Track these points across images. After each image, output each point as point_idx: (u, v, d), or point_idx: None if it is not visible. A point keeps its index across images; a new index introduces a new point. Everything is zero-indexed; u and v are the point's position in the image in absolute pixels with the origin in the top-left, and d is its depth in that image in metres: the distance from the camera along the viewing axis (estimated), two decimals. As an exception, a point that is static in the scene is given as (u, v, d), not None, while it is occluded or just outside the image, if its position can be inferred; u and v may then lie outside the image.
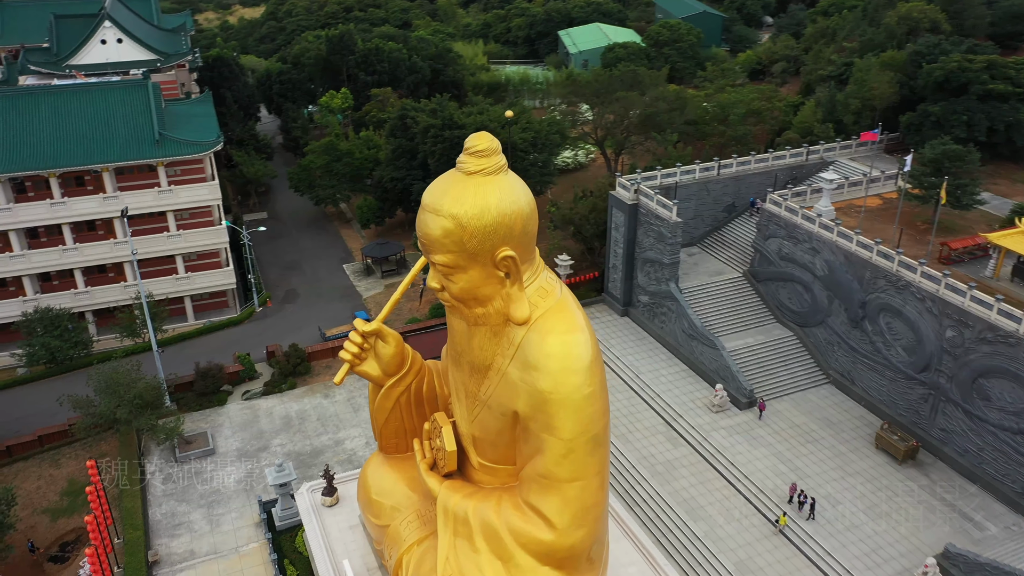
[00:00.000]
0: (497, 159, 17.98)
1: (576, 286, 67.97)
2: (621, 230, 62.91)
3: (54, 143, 64.30)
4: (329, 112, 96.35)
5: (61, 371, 61.98)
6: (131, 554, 44.55)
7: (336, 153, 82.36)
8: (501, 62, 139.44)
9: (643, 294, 63.13)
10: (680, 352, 59.73)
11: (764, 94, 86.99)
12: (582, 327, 20.22)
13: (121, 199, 65.66)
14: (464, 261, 18.25)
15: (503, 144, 20.49)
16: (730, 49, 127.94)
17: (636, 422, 53.76)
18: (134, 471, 50.96)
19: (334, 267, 76.63)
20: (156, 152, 65.55)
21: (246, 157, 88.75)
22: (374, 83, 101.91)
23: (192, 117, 73.25)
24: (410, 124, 75.27)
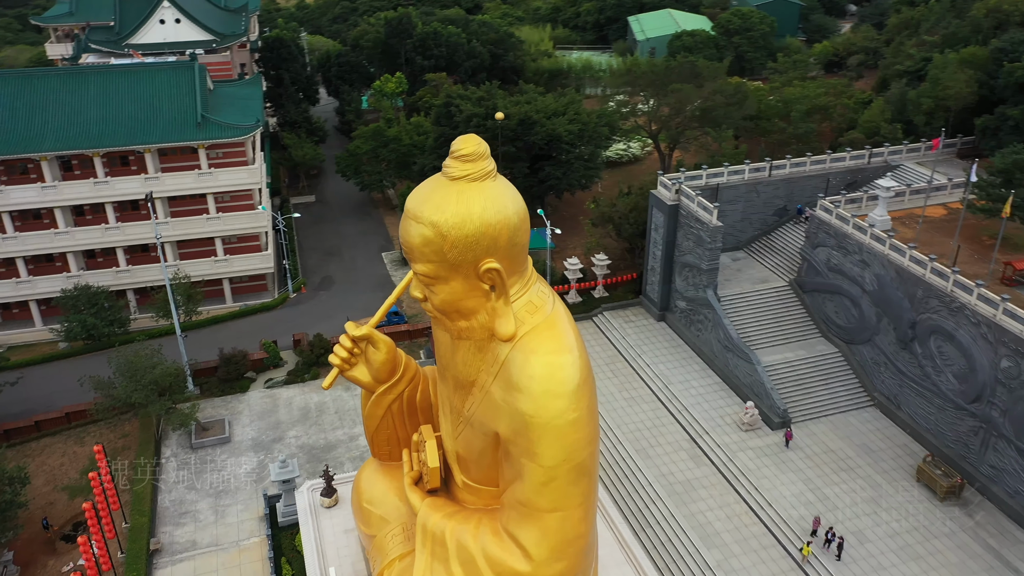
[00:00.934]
0: (484, 164, 16.49)
1: (614, 287, 65.47)
2: (660, 231, 60.03)
3: (100, 123, 65.15)
4: (383, 96, 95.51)
5: (99, 348, 62.96)
6: (134, 540, 44.72)
7: (383, 139, 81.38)
8: (568, 48, 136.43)
9: (681, 299, 60.20)
10: (714, 364, 56.72)
11: (834, 89, 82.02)
12: (570, 347, 18.30)
13: (162, 180, 66.25)
14: (445, 272, 16.85)
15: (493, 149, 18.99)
16: (806, 39, 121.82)
17: (659, 436, 51.21)
18: (149, 455, 51.30)
19: (373, 255, 75.92)
20: (197, 134, 65.78)
21: (296, 140, 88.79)
22: (431, 67, 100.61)
23: (238, 100, 73.33)
24: (454, 112, 73.63)
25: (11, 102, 64.85)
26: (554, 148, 71.01)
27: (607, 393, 55.00)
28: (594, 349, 59.99)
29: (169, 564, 44.07)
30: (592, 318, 63.42)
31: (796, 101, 76.42)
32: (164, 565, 44.04)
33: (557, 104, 74.29)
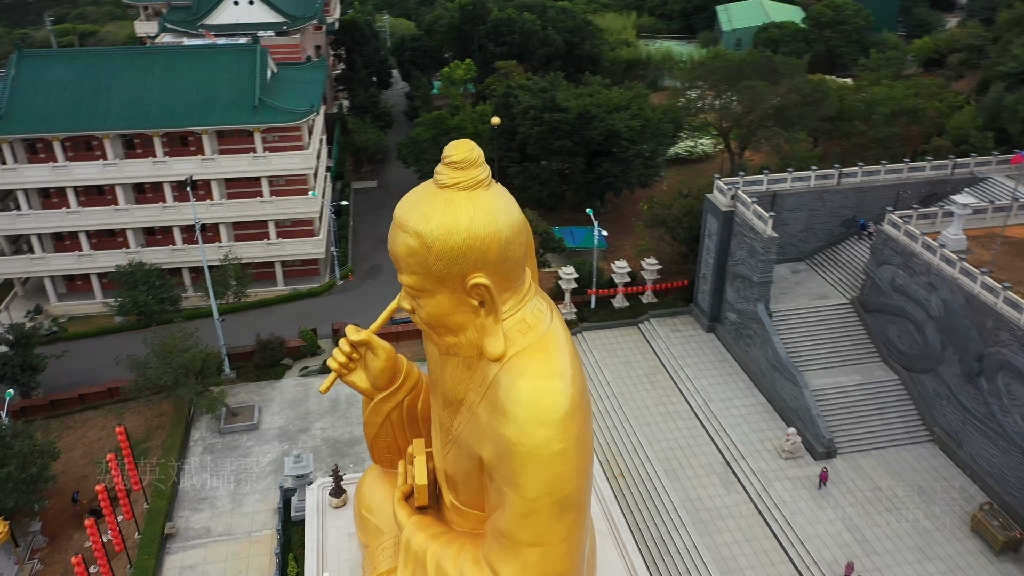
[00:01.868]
0: (475, 172, 15.49)
1: (664, 293, 62.59)
2: (714, 238, 56.80)
3: (162, 103, 66.16)
4: (451, 83, 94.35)
5: (150, 324, 64.26)
6: (150, 524, 45.16)
7: (444, 126, 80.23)
8: (652, 37, 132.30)
9: (731, 311, 56.90)
10: (760, 383, 53.38)
11: (927, 90, 76.18)
12: (561, 372, 16.78)
13: (217, 162, 66.93)
14: (431, 284, 15.92)
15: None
16: (906, 34, 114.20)
17: (691, 457, 48.46)
18: (178, 437, 51.84)
19: (424, 245, 74.93)
20: (253, 118, 66.06)
21: (361, 125, 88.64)
22: (503, 55, 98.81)
23: (299, 84, 73.36)
24: (512, 103, 71.73)
25: (80, 80, 66.56)
26: (613, 144, 68.30)
27: (642, 406, 52.49)
28: (635, 358, 57.43)
29: (181, 550, 44.32)
30: (638, 324, 60.76)
31: (880, 102, 71.23)
32: (176, 550, 44.31)
33: (620, 98, 71.41)
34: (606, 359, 57.01)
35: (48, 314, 68.87)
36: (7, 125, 63.55)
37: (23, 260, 68.14)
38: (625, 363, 56.78)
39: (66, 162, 65.24)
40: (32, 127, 63.81)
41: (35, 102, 64.89)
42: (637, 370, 56.14)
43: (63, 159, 65.32)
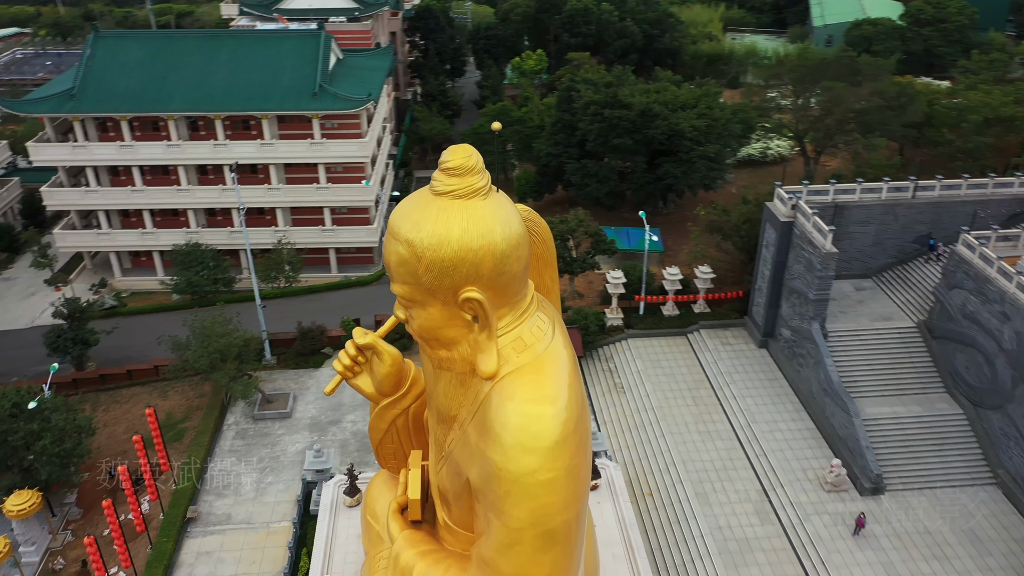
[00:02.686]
0: (472, 180, 14.46)
1: (717, 303, 59.70)
2: (771, 249, 53.65)
3: (225, 87, 66.95)
4: (521, 73, 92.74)
5: (206, 304, 65.39)
6: (174, 506, 45.74)
7: (507, 119, 78.82)
8: (740, 30, 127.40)
9: (785, 327, 53.72)
10: (810, 407, 50.20)
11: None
12: (553, 397, 15.59)
13: (276, 147, 67.39)
14: (421, 296, 14.95)
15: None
16: (1015, 34, 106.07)
17: (726, 481, 45.93)
18: (212, 421, 52.43)
19: (479, 239, 73.79)
20: (311, 104, 66.13)
21: (426, 113, 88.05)
22: (578, 46, 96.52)
23: (362, 71, 73.16)
24: (575, 97, 69.65)
25: (151, 62, 68.02)
26: (676, 144, 65.48)
27: (681, 422, 50.12)
28: (680, 370, 54.94)
29: (200, 535, 44.70)
30: (687, 334, 58.15)
31: (972, 109, 65.97)
32: (196, 535, 44.72)
33: (688, 96, 68.37)
34: (648, 369, 54.73)
35: (112, 288, 71.00)
36: (79, 103, 65.48)
37: (91, 234, 70.40)
38: (668, 375, 54.39)
39: (132, 142, 66.85)
40: (102, 106, 65.57)
41: (107, 82, 66.64)
42: (680, 383, 53.69)
43: (130, 139, 66.96)
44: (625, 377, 54.72)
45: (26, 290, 71.36)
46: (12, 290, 71.96)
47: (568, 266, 60.12)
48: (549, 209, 76.69)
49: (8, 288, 72.38)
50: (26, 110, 67.72)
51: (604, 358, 57.04)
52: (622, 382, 54.48)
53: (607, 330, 58.57)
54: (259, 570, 42.42)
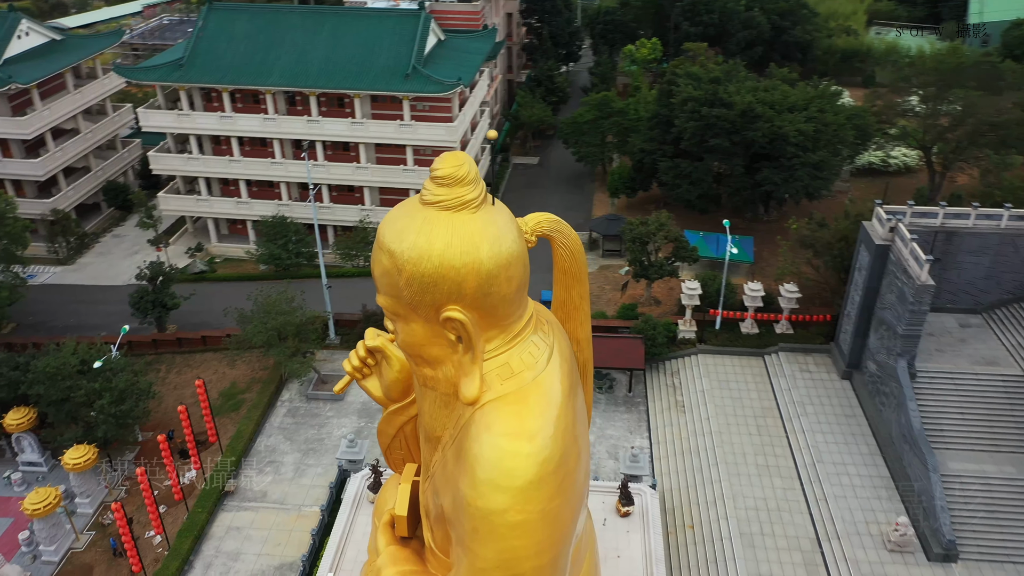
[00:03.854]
0: (461, 192, 13.46)
1: (803, 325, 55.05)
2: (863, 273, 48.68)
3: (323, 63, 67.53)
4: (631, 63, 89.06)
5: (291, 276, 66.69)
6: (214, 478, 46.64)
7: (608, 109, 75.81)
8: (886, 24, 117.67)
9: (872, 361, 48.77)
10: (887, 453, 45.36)
11: None
12: (533, 433, 14.38)
13: (366, 126, 67.55)
14: (403, 310, 14.20)
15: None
16: None
17: (778, 524, 42.16)
18: (267, 395, 53.20)
19: (563, 233, 71.49)
20: (402, 85, 65.68)
21: (529, 98, 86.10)
22: (698, 36, 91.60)
23: (460, 54, 72.04)
24: (674, 91, 65.82)
25: (256, 35, 69.47)
26: (778, 148, 60.69)
27: (739, 452, 46.48)
28: (749, 394, 51.05)
29: (234, 510, 45.40)
30: (764, 356, 53.97)
31: None
32: (230, 509, 45.46)
33: (799, 96, 63.13)
34: (715, 389, 51.15)
35: (207, 253, 73.68)
36: (186, 73, 67.79)
37: (191, 200, 73.17)
38: (735, 398, 50.65)
39: (232, 113, 68.67)
40: (206, 77, 67.59)
41: (214, 53, 68.64)
42: (746, 408, 49.87)
43: (230, 110, 68.80)
44: (688, 395, 51.41)
45: (131, 248, 75.21)
46: (120, 247, 76.03)
47: (644, 271, 57.06)
48: (641, 207, 73.40)
49: (117, 244, 76.55)
50: (138, 77, 70.85)
51: (669, 372, 53.83)
52: (684, 400, 51.22)
53: (677, 342, 55.25)
54: (283, 553, 42.61)
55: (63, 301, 66.52)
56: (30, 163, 72.45)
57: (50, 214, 72.34)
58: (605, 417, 50.87)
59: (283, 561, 42.05)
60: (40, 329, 62.97)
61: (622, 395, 52.83)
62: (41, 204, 73.57)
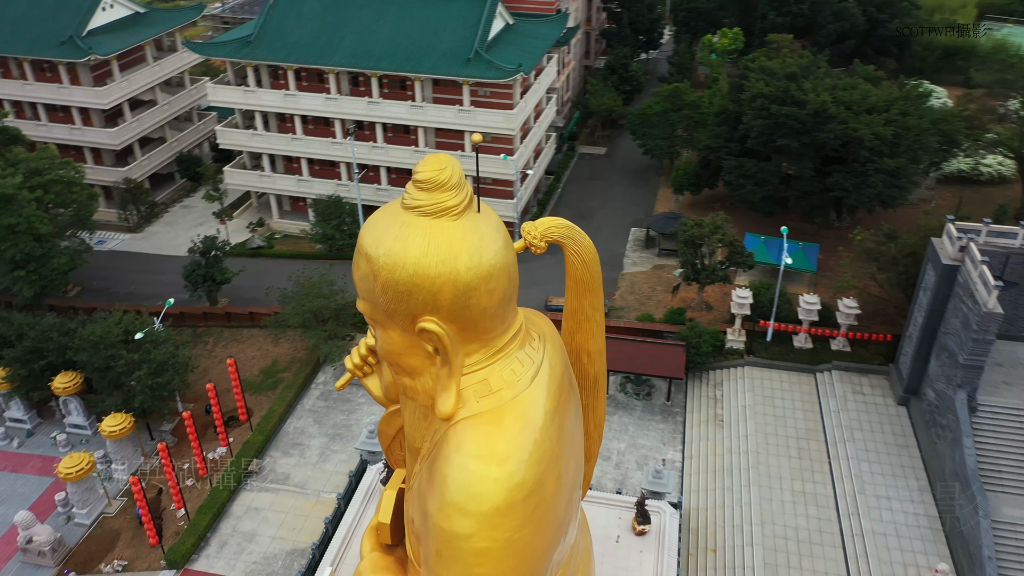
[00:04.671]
0: (441, 197, 12.91)
1: (861, 344, 51.63)
2: (928, 294, 45.06)
3: (386, 45, 67.00)
4: (710, 52, 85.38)
5: (345, 257, 66.90)
6: (240, 456, 47.09)
7: (678, 102, 72.88)
8: (1001, 20, 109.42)
9: (931, 388, 45.22)
10: (936, 491, 42.02)
11: None
12: (504, 458, 13.79)
13: (425, 110, 66.81)
14: (380, 317, 13.82)
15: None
16: None
17: (807, 557, 39.59)
18: (302, 377, 53.40)
19: (622, 228, 69.38)
20: (463, 70, 64.55)
21: (600, 87, 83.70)
22: (785, 26, 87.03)
23: (527, 39, 70.35)
24: (745, 86, 62.51)
25: (324, 13, 69.44)
26: (852, 152, 56.91)
27: (775, 475, 43.91)
28: (794, 413, 48.19)
29: (256, 490, 45.74)
30: (815, 373, 50.85)
31: None
32: (252, 488, 45.84)
33: (881, 97, 58.92)
34: (758, 405, 48.50)
35: (268, 228, 74.73)
36: (254, 50, 68.41)
37: (254, 175, 74.20)
38: (778, 416, 47.89)
39: (296, 91, 69.05)
40: (273, 55, 68.04)
41: (282, 31, 69.02)
42: (789, 428, 47.09)
43: (295, 88, 69.19)
44: (728, 409, 48.93)
45: (197, 219, 77.00)
46: (186, 217, 77.98)
47: (696, 274, 54.54)
48: (706, 206, 70.41)
49: (184, 215, 78.53)
50: (208, 53, 71.99)
51: (712, 383, 51.40)
52: (723, 414, 48.78)
53: (724, 352, 52.66)
54: (296, 538, 42.68)
55: (126, 268, 68.65)
56: (107, 132, 74.84)
57: (122, 182, 74.63)
58: (639, 425, 48.98)
59: (295, 547, 42.11)
60: (102, 295, 65.14)
61: (660, 403, 50.75)
62: (116, 172, 76.05)
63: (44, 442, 52.43)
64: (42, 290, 55.81)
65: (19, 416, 53.23)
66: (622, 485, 44.36)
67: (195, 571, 41.07)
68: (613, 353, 49.93)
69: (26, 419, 53.31)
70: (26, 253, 53.32)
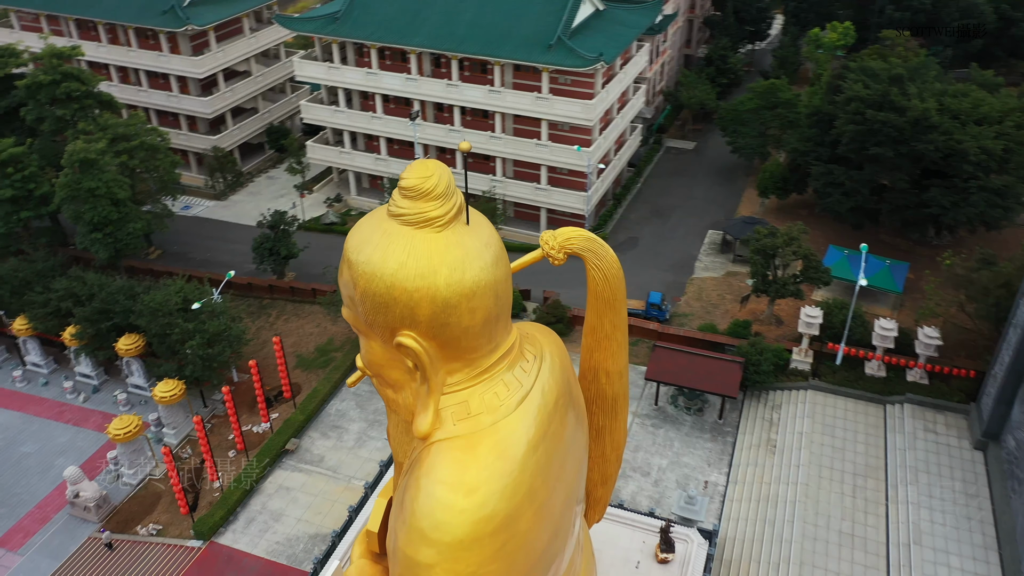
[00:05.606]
0: (425, 207, 12.33)
1: (942, 378, 47.29)
2: (1019, 331, 40.60)
3: (469, 27, 65.76)
4: (816, 47, 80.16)
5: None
6: (280, 433, 47.51)
7: (773, 99, 68.76)
8: None
9: (1011, 435, 40.90)
10: (1005, 552, 37.91)
11: None
12: (472, 488, 13.32)
13: (503, 95, 65.39)
14: (362, 326, 13.59)
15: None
16: None
17: (845, 606, 36.58)
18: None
19: (698, 229, 66.17)
20: (542, 57, 62.64)
21: (693, 79, 80.00)
22: (904, 22, 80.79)
23: (616, 26, 67.69)
24: (842, 87, 58.09)
25: (409, -7, 68.93)
26: (954, 166, 52.05)
27: (824, 513, 40.75)
28: (855, 447, 44.61)
29: (289, 469, 46.06)
30: (886, 404, 46.95)
31: None
32: (286, 467, 46.19)
33: (995, 106, 53.60)
34: (816, 434, 45.20)
35: (345, 204, 75.43)
36: (340, 27, 68.51)
37: (334, 151, 74.84)
38: (837, 448, 44.48)
39: (378, 70, 68.90)
40: (357, 32, 67.98)
41: (368, 9, 68.79)
42: (847, 463, 43.64)
43: (377, 67, 69.06)
44: (784, 435, 45.83)
45: (279, 191, 78.55)
46: (270, 188, 79.63)
47: (766, 287, 51.30)
48: (792, 212, 66.38)
49: (268, 186, 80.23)
50: (295, 27, 72.60)
51: (769, 405, 48.28)
52: (777, 440, 45.73)
53: (787, 372, 49.37)
54: (320, 522, 42.72)
55: (206, 235, 70.69)
56: (200, 100, 76.99)
57: (211, 151, 76.70)
58: (685, 442, 46.54)
59: (319, 531, 42.15)
60: (179, 259, 67.32)
61: (711, 421, 48.10)
62: (206, 140, 78.23)
63: (107, 399, 54.57)
64: (117, 252, 57.78)
65: (87, 372, 55.60)
66: (658, 504, 42.27)
67: (220, 544, 41.72)
68: (665, 364, 47.81)
69: (93, 375, 55.65)
70: (103, 216, 55.24)
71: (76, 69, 61.41)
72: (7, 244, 60.39)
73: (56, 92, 59.69)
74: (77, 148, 53.95)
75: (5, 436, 51.99)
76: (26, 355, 57.33)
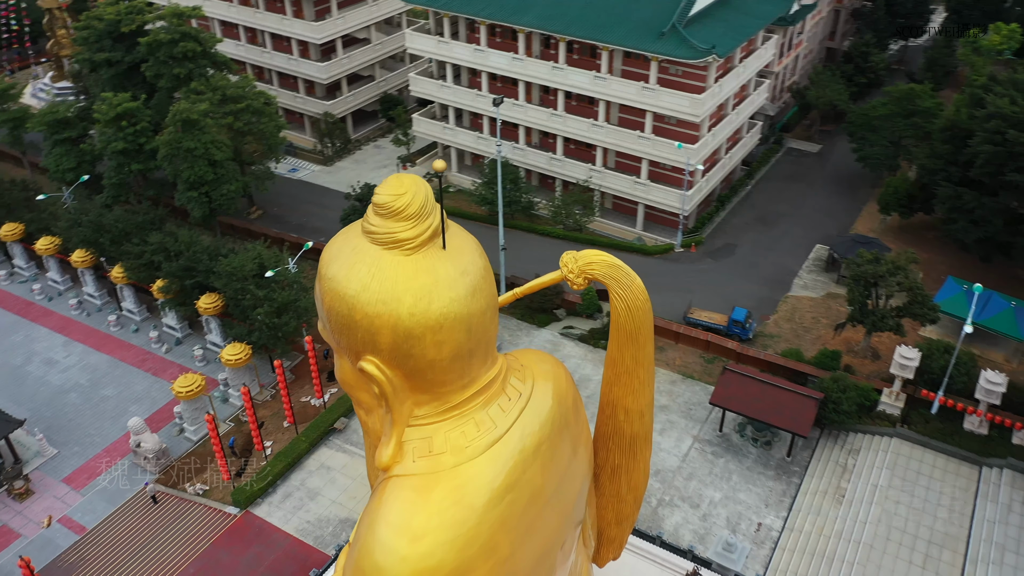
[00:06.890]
0: (395, 228, 11.59)
1: (999, 429, 41.40)
2: None
3: (581, 9, 62.92)
4: (974, 50, 71.88)
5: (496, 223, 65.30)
6: (331, 410, 47.61)
7: (909, 107, 62.23)
8: None
9: (1125, 528, 35.16)
10: (1092, 659, 32.74)
11: None
12: (419, 534, 12.82)
13: (608, 82, 62.38)
14: (333, 344, 13.30)
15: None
16: None
17: None
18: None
19: (805, 242, 61.06)
20: (652, 45, 59.04)
21: (825, 76, 73.71)
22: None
23: (740, 16, 63.00)
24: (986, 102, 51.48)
25: (524, -30, 66.61)
26: None
27: (840, 557, 36.62)
28: (936, 510, 39.74)
29: (333, 448, 46.08)
30: (982, 466, 41.47)
31: None
32: (331, 446, 46.25)
33: None
34: (893, 489, 40.66)
35: (445, 180, 74.84)
36: (451, 1, 67.30)
37: (438, 126, 74.17)
38: (915, 509, 39.82)
39: (486, 48, 67.31)
40: (467, 7, 66.40)
41: (483, -17, 67.23)
42: (923, 528, 38.99)
43: (485, 44, 67.49)
44: (856, 485, 41.52)
45: (384, 161, 79.02)
46: (375, 158, 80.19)
47: (862, 317, 46.56)
48: (916, 235, 60.20)
49: (374, 155, 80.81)
50: (406, 0, 71.92)
51: (847, 448, 43.87)
52: (847, 489, 41.49)
53: (872, 415, 44.70)
54: (353, 507, 42.51)
55: (305, 199, 71.91)
56: (316, 65, 78.03)
57: (323, 116, 77.80)
58: (745, 477, 43.05)
59: (349, 516, 41.94)
60: (276, 222, 68.80)
61: (778, 457, 44.27)
62: (320, 104, 79.40)
63: (187, 353, 56.51)
64: (212, 211, 59.46)
65: (173, 324, 57.79)
66: (701, 541, 39.33)
67: (254, 515, 42.27)
68: (733, 389, 44.36)
69: (178, 328, 57.78)
70: (199, 176, 56.84)
71: (194, 29, 63.24)
72: (118, 194, 63.38)
73: (174, 51, 61.63)
74: (180, 108, 55.57)
75: (92, 377, 54.86)
76: (122, 301, 60.19)
